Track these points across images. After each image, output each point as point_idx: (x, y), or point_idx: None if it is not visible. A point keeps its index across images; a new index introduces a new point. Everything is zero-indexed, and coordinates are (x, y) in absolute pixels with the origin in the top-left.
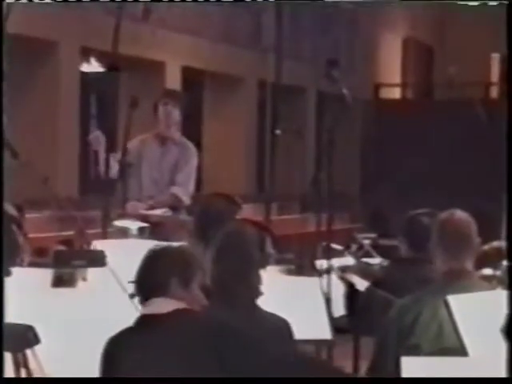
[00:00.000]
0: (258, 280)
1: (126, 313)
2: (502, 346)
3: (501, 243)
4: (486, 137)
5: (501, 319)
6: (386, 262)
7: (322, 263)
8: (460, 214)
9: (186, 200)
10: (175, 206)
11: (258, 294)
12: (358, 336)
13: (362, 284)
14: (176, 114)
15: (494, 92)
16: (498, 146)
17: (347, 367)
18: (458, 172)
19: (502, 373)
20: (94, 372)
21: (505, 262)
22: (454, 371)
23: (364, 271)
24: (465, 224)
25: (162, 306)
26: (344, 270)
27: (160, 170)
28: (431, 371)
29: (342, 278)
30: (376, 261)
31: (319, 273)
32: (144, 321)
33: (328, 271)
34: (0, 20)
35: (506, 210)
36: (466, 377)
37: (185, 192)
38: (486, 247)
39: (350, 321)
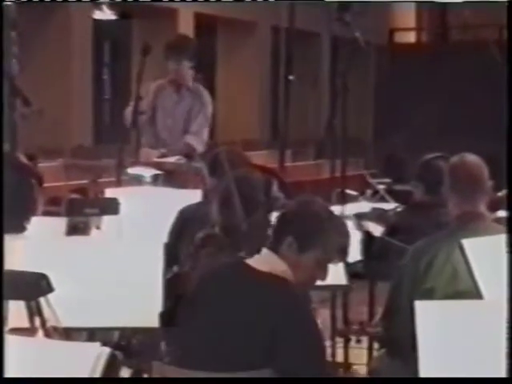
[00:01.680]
0: (265, 224)
1: (140, 260)
2: None
3: None
4: (502, 79)
5: None
6: (400, 207)
7: (337, 209)
8: (471, 158)
9: (200, 149)
10: (189, 154)
11: (266, 238)
12: (373, 281)
13: (377, 230)
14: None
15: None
16: None
17: (363, 313)
18: (474, 115)
19: None
20: (107, 320)
21: None
22: (468, 315)
23: (379, 217)
24: (476, 167)
25: (263, 262)
26: (360, 216)
27: (174, 117)
28: (445, 315)
29: (358, 226)
30: (391, 206)
31: None
32: (241, 266)
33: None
34: (0, 20)
35: (506, 156)
36: (467, 377)
37: (199, 141)
38: (500, 194)
39: (366, 266)
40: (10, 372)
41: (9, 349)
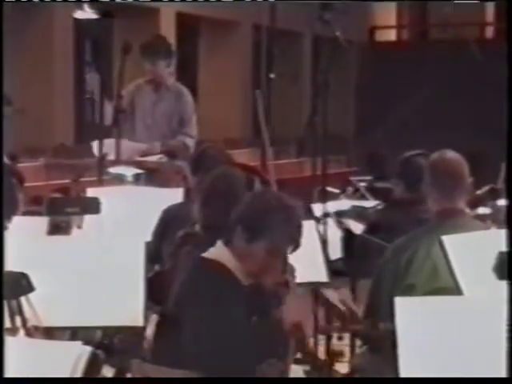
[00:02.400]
0: None
1: (121, 259)
2: (496, 285)
3: (493, 186)
4: (482, 76)
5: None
6: (381, 205)
7: (318, 207)
8: (451, 154)
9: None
10: (173, 152)
11: None
12: (354, 278)
13: (357, 228)
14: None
15: (489, 32)
16: (493, 86)
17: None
18: (454, 113)
19: (496, 312)
20: (89, 319)
21: (499, 202)
22: (448, 311)
23: (359, 215)
24: (456, 164)
25: (213, 253)
26: (340, 214)
27: (154, 117)
28: (425, 311)
29: (339, 223)
30: (371, 204)
31: (315, 217)
32: (199, 260)
33: (324, 215)
34: (0, 20)
35: (506, 149)
36: (467, 377)
37: (193, 142)
38: (479, 192)
39: (347, 264)
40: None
41: None
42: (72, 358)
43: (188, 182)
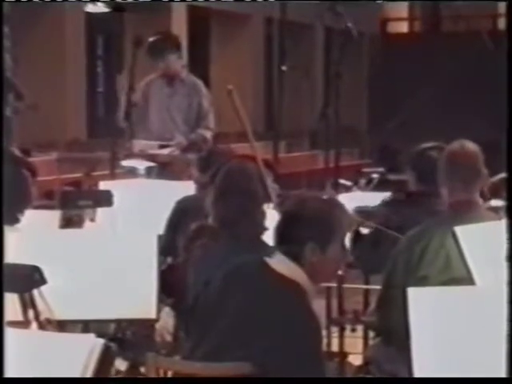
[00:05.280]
0: (262, 215)
1: (134, 252)
2: (509, 275)
3: (504, 175)
4: (494, 68)
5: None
6: (393, 197)
7: None
8: (466, 145)
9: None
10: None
11: (262, 229)
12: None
13: (368, 226)
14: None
15: (502, 24)
16: (504, 77)
17: (359, 302)
18: (467, 104)
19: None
20: (102, 312)
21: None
22: (461, 301)
23: (362, 214)
24: (471, 155)
25: (283, 266)
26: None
27: (169, 110)
28: (438, 302)
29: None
30: (381, 196)
31: None
32: (263, 265)
33: None
34: (0, 20)
35: (506, 139)
36: (467, 377)
37: (211, 136)
38: (493, 179)
39: (358, 258)
40: (4, 363)
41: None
42: (85, 350)
43: (195, 180)
